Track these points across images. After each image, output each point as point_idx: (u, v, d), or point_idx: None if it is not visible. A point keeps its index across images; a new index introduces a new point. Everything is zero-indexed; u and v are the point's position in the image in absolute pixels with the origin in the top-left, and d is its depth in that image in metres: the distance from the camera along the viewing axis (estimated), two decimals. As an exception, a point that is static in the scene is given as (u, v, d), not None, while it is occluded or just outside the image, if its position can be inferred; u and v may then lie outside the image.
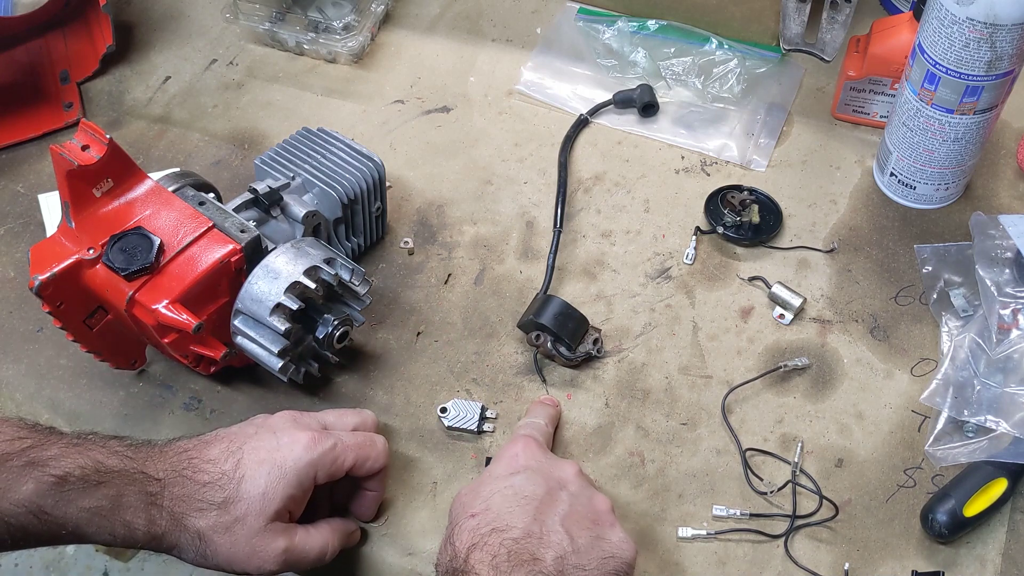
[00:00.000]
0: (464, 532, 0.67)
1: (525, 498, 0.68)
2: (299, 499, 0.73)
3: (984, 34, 0.81)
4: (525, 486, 0.70)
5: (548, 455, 0.76)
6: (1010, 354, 0.82)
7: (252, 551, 0.71)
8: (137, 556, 1.69)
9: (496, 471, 0.73)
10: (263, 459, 0.71)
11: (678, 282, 0.94)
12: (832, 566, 0.77)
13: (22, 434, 0.70)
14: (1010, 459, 0.79)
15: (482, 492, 0.70)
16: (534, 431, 0.79)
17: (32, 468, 0.68)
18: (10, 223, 1.00)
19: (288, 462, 0.72)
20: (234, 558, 0.71)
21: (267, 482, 0.71)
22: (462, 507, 0.70)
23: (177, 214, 0.79)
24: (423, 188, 1.02)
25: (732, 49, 1.09)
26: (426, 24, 1.17)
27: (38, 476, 0.68)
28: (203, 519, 0.70)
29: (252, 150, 1.05)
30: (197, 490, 0.70)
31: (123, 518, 0.69)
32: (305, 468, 0.72)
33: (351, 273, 0.81)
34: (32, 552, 1.73)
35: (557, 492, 0.70)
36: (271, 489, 0.71)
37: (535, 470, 0.72)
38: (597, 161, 1.03)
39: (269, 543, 0.71)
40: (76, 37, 1.13)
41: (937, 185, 0.95)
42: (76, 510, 0.68)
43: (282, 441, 0.73)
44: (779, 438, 0.83)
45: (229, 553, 0.70)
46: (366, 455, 0.75)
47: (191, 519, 0.70)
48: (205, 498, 0.70)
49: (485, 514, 0.68)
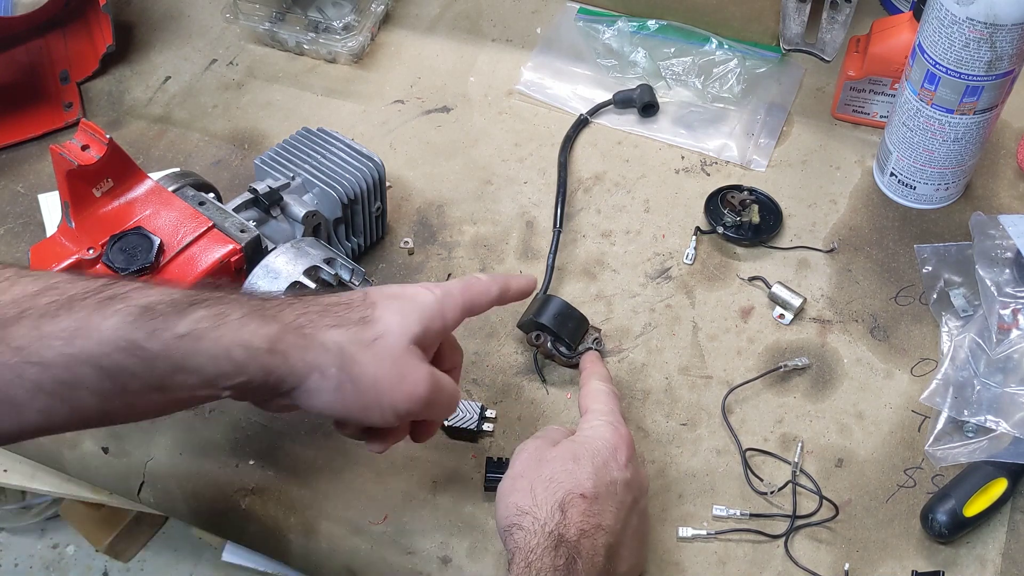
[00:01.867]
0: (576, 510, 0.67)
1: (622, 503, 0.70)
2: (429, 340, 0.68)
3: (984, 34, 0.81)
4: (626, 491, 0.71)
5: (636, 458, 0.75)
6: (1010, 354, 0.82)
7: (401, 372, 0.64)
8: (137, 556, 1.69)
9: (602, 451, 0.71)
10: (390, 294, 0.67)
11: (678, 282, 0.94)
12: (832, 566, 0.77)
13: (90, 277, 0.61)
14: (1010, 459, 0.79)
15: (593, 472, 0.69)
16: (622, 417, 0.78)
17: (111, 302, 0.58)
18: (10, 223, 1.00)
19: (416, 297, 0.67)
20: (383, 378, 0.63)
21: (400, 309, 0.66)
22: (569, 474, 0.69)
23: (177, 214, 0.79)
24: (423, 188, 1.02)
25: (732, 49, 1.09)
26: (426, 24, 1.17)
27: (120, 309, 0.58)
28: (341, 334, 0.62)
29: (252, 150, 1.05)
30: (326, 309, 0.64)
31: (235, 336, 0.59)
32: (432, 304, 0.68)
33: (351, 273, 0.81)
34: (32, 552, 1.73)
35: (637, 503, 0.72)
36: (406, 316, 0.66)
37: (632, 475, 0.72)
38: (597, 161, 1.03)
39: (416, 365, 0.65)
40: (76, 37, 1.13)
41: (937, 185, 0.95)
42: (173, 338, 0.58)
43: (405, 286, 0.69)
44: (779, 438, 0.83)
45: (376, 371, 0.63)
46: (476, 291, 0.72)
47: (327, 334, 0.62)
48: (338, 314, 0.64)
49: (594, 503, 0.68)
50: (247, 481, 0.82)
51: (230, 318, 0.60)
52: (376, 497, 0.81)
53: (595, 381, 0.80)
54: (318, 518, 0.80)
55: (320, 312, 0.64)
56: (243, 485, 0.82)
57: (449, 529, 0.79)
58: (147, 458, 0.85)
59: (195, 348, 0.59)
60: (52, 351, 0.56)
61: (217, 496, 0.83)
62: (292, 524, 0.81)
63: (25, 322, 0.56)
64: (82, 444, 0.87)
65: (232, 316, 0.60)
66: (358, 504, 0.81)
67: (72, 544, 1.74)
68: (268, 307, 0.62)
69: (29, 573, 1.72)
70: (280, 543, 0.81)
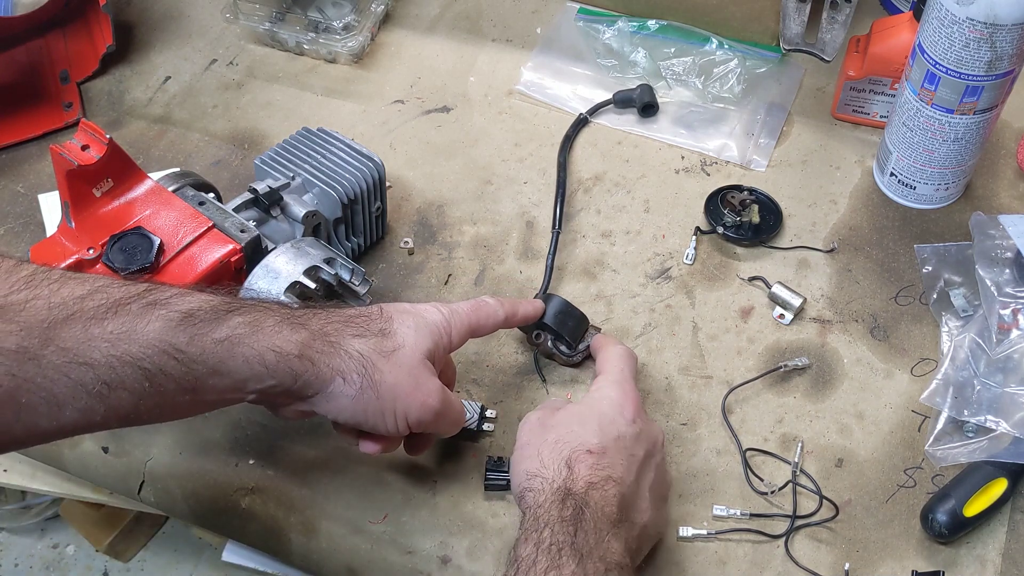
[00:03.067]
0: (583, 465, 0.68)
1: (632, 456, 0.71)
2: (438, 356, 0.72)
3: (984, 34, 0.81)
4: (635, 444, 0.72)
5: (645, 413, 0.77)
6: (1010, 354, 0.82)
7: (416, 382, 0.69)
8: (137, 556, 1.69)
9: (607, 410, 0.73)
10: (404, 311, 0.72)
11: (678, 282, 0.94)
12: (832, 566, 0.77)
13: (131, 282, 0.65)
14: (1010, 459, 0.79)
15: (598, 428, 0.71)
16: (633, 377, 0.79)
17: (154, 307, 0.62)
18: (10, 223, 1.00)
19: (426, 314, 0.72)
20: (400, 387, 0.68)
21: (414, 325, 0.71)
22: (573, 433, 0.70)
23: (177, 214, 0.79)
24: (423, 188, 1.02)
25: (732, 49, 1.09)
26: (426, 24, 1.17)
27: (163, 314, 0.62)
28: (363, 343, 0.68)
29: (252, 150, 1.05)
30: (349, 319, 0.69)
31: (269, 342, 0.65)
32: (442, 321, 0.73)
33: (351, 273, 0.82)
34: (32, 552, 1.73)
35: (651, 457, 0.73)
36: (419, 331, 0.71)
37: (643, 429, 0.73)
38: (597, 161, 1.03)
39: (429, 377, 0.70)
40: (76, 37, 1.13)
41: (937, 185, 0.95)
42: (212, 343, 0.63)
43: (416, 304, 0.74)
44: (779, 438, 0.83)
45: (395, 380, 0.68)
46: (483, 314, 0.77)
47: (351, 342, 0.67)
48: (360, 325, 0.69)
49: (602, 457, 0.69)
50: (247, 481, 0.82)
51: (265, 324, 0.65)
52: (376, 497, 0.81)
53: (611, 345, 0.82)
54: (318, 517, 0.80)
55: (344, 322, 0.68)
56: (243, 485, 0.82)
57: (449, 529, 0.79)
58: (147, 458, 0.85)
59: (232, 352, 0.63)
60: (99, 352, 0.59)
61: (217, 496, 0.83)
62: (292, 523, 0.81)
63: (74, 324, 0.59)
64: (82, 443, 0.87)
65: (267, 323, 0.65)
66: (358, 504, 0.81)
67: (72, 544, 1.74)
68: (297, 316, 0.67)
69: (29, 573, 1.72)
70: (280, 542, 0.81)
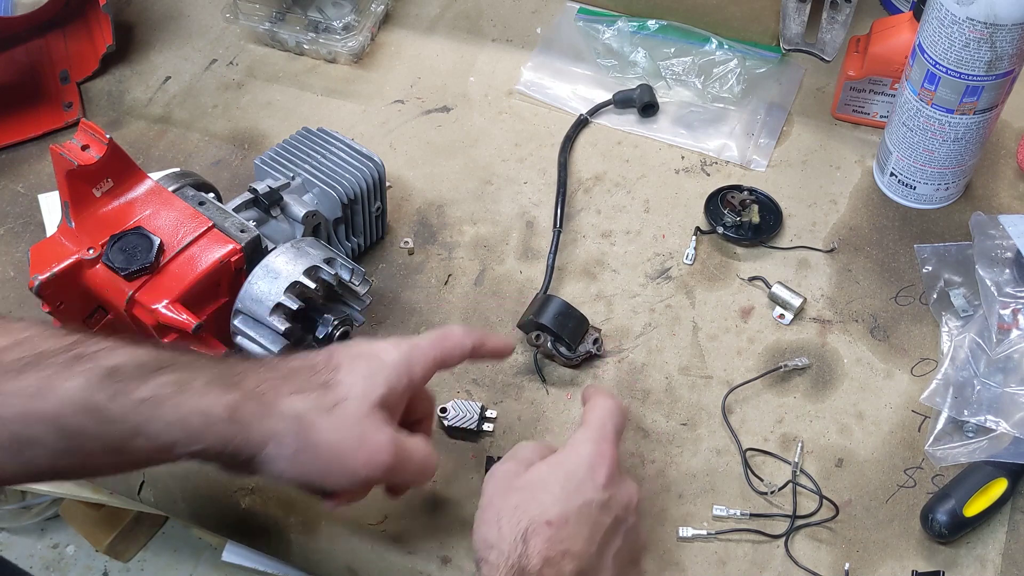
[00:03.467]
0: (540, 539, 0.64)
1: (597, 525, 0.66)
2: (395, 400, 0.67)
3: (984, 34, 0.81)
4: (599, 512, 0.67)
5: (622, 472, 0.72)
6: (1010, 354, 0.82)
7: (361, 436, 0.64)
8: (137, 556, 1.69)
9: (577, 472, 0.68)
10: (357, 353, 0.67)
11: (678, 282, 0.94)
12: (832, 566, 0.77)
13: (62, 333, 0.62)
14: (1010, 459, 0.79)
15: (561, 496, 0.66)
16: (616, 434, 0.72)
17: (78, 361, 0.59)
18: (10, 223, 1.00)
19: (383, 355, 0.67)
20: (342, 445, 0.63)
21: (367, 370, 0.66)
22: (536, 501, 0.66)
23: (177, 214, 0.79)
24: (423, 188, 1.02)
25: (732, 49, 1.09)
26: (426, 24, 1.17)
27: (87, 369, 0.59)
28: (301, 400, 0.62)
29: (252, 150, 1.05)
30: (288, 375, 0.64)
31: (195, 405, 0.60)
32: (401, 361, 0.67)
33: (351, 273, 0.81)
34: (32, 552, 1.73)
35: (620, 524, 0.68)
36: (372, 376, 0.65)
37: (612, 495, 0.68)
38: (597, 161, 1.03)
39: (378, 429, 0.64)
40: (76, 37, 1.13)
41: (937, 185, 0.95)
42: (134, 403, 0.59)
43: (374, 343, 0.68)
44: (779, 438, 0.83)
45: (336, 438, 0.63)
46: (448, 345, 0.71)
47: (286, 401, 0.62)
48: (300, 380, 0.64)
49: (562, 529, 0.65)
50: (247, 480, 0.82)
51: (193, 384, 0.61)
52: (376, 497, 0.81)
53: (600, 397, 0.75)
54: (318, 518, 0.80)
55: (283, 378, 0.64)
56: (243, 484, 0.82)
57: (449, 529, 0.79)
58: (147, 458, 0.85)
59: (154, 414, 0.60)
60: (12, 409, 0.57)
61: (217, 496, 0.83)
62: (292, 524, 0.81)
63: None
64: (82, 444, 0.87)
65: (195, 383, 0.61)
66: (358, 504, 0.81)
67: (72, 544, 1.74)
68: (233, 373, 0.63)
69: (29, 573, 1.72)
70: (280, 543, 0.81)
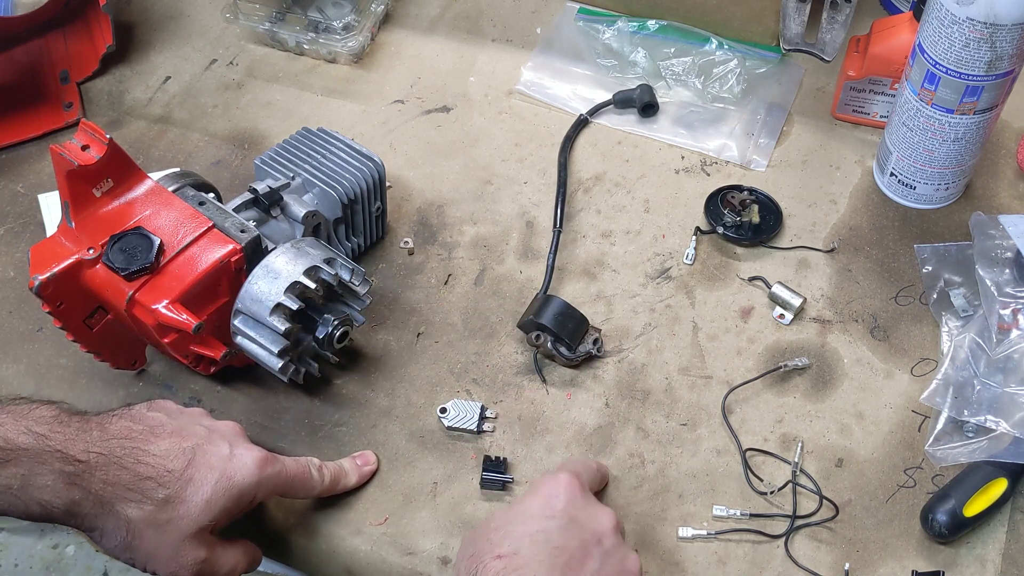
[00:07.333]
0: (490, 572, 0.63)
1: (557, 549, 0.64)
2: (233, 514, 0.72)
3: (984, 34, 0.81)
4: (559, 536, 0.65)
5: (589, 499, 0.70)
6: (1010, 354, 0.82)
7: (175, 554, 0.69)
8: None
9: (531, 508, 0.68)
10: (213, 466, 0.70)
11: (678, 282, 0.94)
12: (832, 566, 0.77)
13: None
14: (1010, 459, 0.79)
15: (513, 531, 0.66)
16: (580, 468, 0.74)
17: None
18: (10, 223, 1.00)
19: (237, 475, 0.71)
20: (156, 556, 0.69)
21: (213, 491, 0.70)
22: (489, 542, 0.66)
23: (177, 214, 0.79)
24: (423, 188, 1.02)
25: (732, 49, 1.09)
26: (426, 24, 1.17)
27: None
28: (137, 510, 0.68)
29: (252, 150, 1.05)
30: (135, 481, 0.68)
31: (36, 497, 0.67)
32: (251, 486, 0.71)
33: (351, 273, 0.81)
34: (32, 552, 1.73)
35: (591, 547, 0.66)
36: (215, 499, 0.70)
37: (572, 519, 0.67)
38: (597, 161, 1.03)
39: (192, 550, 0.70)
40: (76, 37, 1.13)
41: (937, 185, 0.95)
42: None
43: (236, 451, 0.72)
44: (779, 438, 0.83)
45: (153, 549, 0.69)
46: (299, 482, 0.76)
47: (124, 507, 0.68)
48: (144, 490, 0.68)
49: (513, 559, 0.64)
50: (247, 481, 0.82)
51: (37, 480, 0.66)
52: (376, 498, 0.81)
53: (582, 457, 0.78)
54: (318, 519, 0.80)
55: (127, 485, 0.68)
56: (243, 485, 0.82)
57: (449, 529, 0.79)
58: (147, 458, 0.85)
59: (1, 498, 0.66)
60: None
61: (217, 496, 0.83)
62: (292, 525, 0.81)
63: None
64: (82, 444, 0.87)
65: (39, 479, 0.66)
66: (358, 505, 0.81)
67: (72, 544, 1.74)
68: (73, 470, 0.67)
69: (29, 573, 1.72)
70: (280, 544, 0.81)
